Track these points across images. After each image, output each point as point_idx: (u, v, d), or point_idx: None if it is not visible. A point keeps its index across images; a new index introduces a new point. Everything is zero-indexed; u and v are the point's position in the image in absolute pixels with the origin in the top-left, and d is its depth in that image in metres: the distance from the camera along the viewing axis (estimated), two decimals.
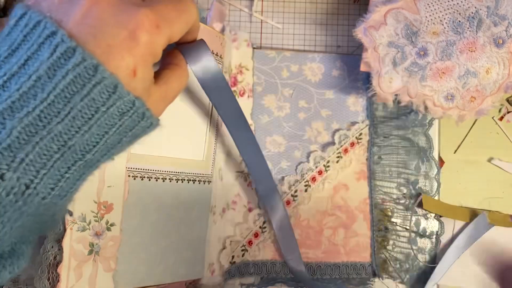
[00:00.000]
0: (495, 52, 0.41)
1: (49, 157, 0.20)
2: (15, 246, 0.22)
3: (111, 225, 0.34)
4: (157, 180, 0.38)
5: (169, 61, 0.29)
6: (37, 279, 0.31)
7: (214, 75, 0.33)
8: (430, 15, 0.40)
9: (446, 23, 0.40)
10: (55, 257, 0.31)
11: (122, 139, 0.24)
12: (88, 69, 0.20)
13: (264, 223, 0.47)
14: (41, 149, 0.20)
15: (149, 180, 0.37)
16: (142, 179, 0.36)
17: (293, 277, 0.47)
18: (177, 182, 0.39)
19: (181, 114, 0.39)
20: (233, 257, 0.46)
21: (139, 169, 0.36)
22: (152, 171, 0.37)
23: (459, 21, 0.40)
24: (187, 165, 0.40)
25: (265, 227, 0.47)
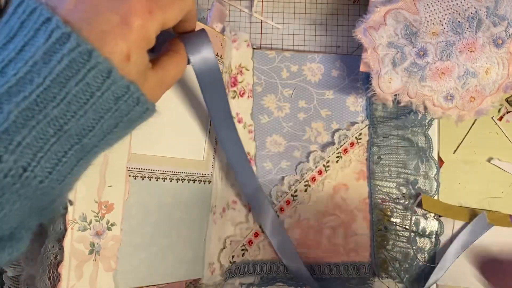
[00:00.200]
0: (494, 53, 0.41)
1: (46, 141, 0.21)
2: (14, 231, 0.23)
3: (111, 224, 0.34)
4: (157, 180, 0.38)
5: (168, 48, 0.30)
6: (38, 278, 0.31)
7: (211, 67, 0.33)
8: (430, 15, 0.40)
9: (446, 23, 0.40)
10: (56, 257, 0.31)
11: (118, 124, 0.24)
12: (82, 54, 0.21)
13: None
14: (37, 133, 0.20)
15: (150, 180, 0.37)
16: (143, 179, 0.36)
17: (293, 276, 0.47)
18: (177, 182, 0.39)
19: (182, 114, 0.40)
20: (233, 256, 0.47)
21: (139, 169, 0.36)
22: (152, 171, 0.37)
23: (459, 21, 0.40)
24: (188, 165, 0.40)
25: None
